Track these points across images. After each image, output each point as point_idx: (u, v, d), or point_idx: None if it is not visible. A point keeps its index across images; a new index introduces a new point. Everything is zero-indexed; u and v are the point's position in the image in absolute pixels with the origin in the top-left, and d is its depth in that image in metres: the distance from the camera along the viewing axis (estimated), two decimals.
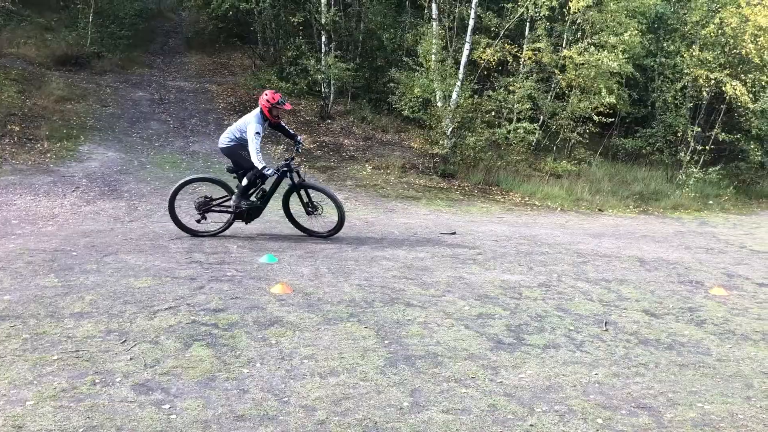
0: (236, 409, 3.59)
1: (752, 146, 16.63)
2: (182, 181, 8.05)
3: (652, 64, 17.16)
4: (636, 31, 15.36)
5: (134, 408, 3.55)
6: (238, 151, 7.72)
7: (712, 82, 16.18)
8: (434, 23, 15.63)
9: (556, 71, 15.72)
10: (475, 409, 3.79)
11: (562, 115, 15.60)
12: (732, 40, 16.31)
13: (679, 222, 12.92)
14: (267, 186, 8.02)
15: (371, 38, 18.15)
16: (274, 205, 8.44)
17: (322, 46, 16.95)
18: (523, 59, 15.97)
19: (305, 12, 17.17)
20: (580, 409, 3.90)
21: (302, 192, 8.03)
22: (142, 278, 5.89)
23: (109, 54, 18.13)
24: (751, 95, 15.93)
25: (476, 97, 15.07)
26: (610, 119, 15.91)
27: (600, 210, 13.38)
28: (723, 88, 16.04)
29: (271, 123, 7.84)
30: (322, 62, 16.45)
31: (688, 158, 16.25)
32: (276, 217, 9.08)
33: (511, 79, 15.91)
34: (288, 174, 7.91)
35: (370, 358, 4.43)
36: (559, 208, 12.94)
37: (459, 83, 14.73)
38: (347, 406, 3.73)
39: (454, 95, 14.73)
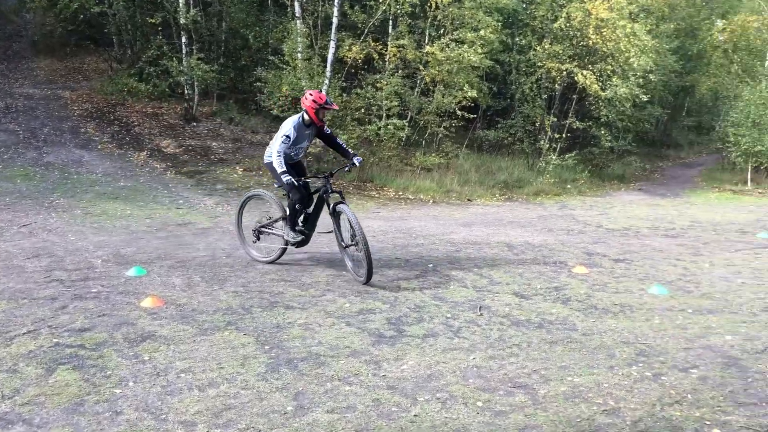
0: None
1: (602, 132, 17.92)
2: (244, 197, 7.34)
3: (508, 58, 18.02)
4: (493, 27, 16.06)
5: None
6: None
7: (564, 73, 17.25)
8: (298, 21, 15.53)
9: (420, 67, 16.12)
10: (359, 406, 3.80)
11: (428, 110, 16.02)
12: (578, 33, 17.46)
13: (541, 207, 13.67)
14: (310, 209, 6.79)
15: (234, 37, 17.76)
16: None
17: (183, 46, 16.36)
18: (388, 56, 16.23)
19: (164, 12, 16.50)
20: (460, 394, 4.02)
21: (337, 218, 6.60)
22: None
23: None
24: (600, 84, 17.13)
25: (345, 94, 15.15)
26: (473, 115, 16.54)
27: (469, 200, 13.89)
28: (575, 79, 17.14)
29: (322, 135, 6.76)
30: (184, 63, 15.88)
31: (547, 146, 17.23)
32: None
33: (377, 77, 16.13)
34: (325, 194, 6.58)
35: (250, 366, 4.33)
36: (431, 201, 13.29)
37: (327, 81, 14.73)
38: (229, 416, 3.62)
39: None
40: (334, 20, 14.87)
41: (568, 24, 17.30)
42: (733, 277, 7.56)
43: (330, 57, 15.00)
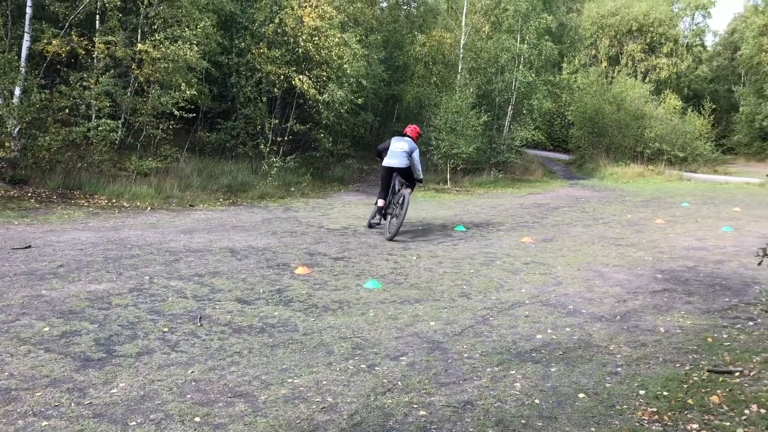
0: None
1: (322, 135, 18.62)
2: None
3: (227, 60, 17.83)
4: (208, 27, 15.72)
5: None
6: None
7: (282, 77, 17.57)
8: None
9: (133, 66, 15.16)
10: None
11: (144, 111, 15.15)
12: (293, 40, 17.92)
13: (266, 210, 13.75)
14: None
15: None
16: None
17: None
18: (96, 53, 14.98)
19: None
20: (177, 411, 3.82)
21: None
22: None
23: None
24: (317, 88, 17.76)
25: (46, 93, 13.61)
26: (193, 114, 16.01)
27: (191, 205, 13.43)
28: (293, 83, 17.54)
29: None
30: None
31: (269, 149, 17.38)
32: None
33: (85, 75, 14.78)
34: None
35: None
36: (149, 208, 12.57)
37: (23, 78, 13.12)
38: None
39: (18, 91, 13.09)
40: (28, 9, 13.29)
41: (281, 30, 17.65)
42: (436, 267, 8.37)
43: (24, 51, 13.38)
